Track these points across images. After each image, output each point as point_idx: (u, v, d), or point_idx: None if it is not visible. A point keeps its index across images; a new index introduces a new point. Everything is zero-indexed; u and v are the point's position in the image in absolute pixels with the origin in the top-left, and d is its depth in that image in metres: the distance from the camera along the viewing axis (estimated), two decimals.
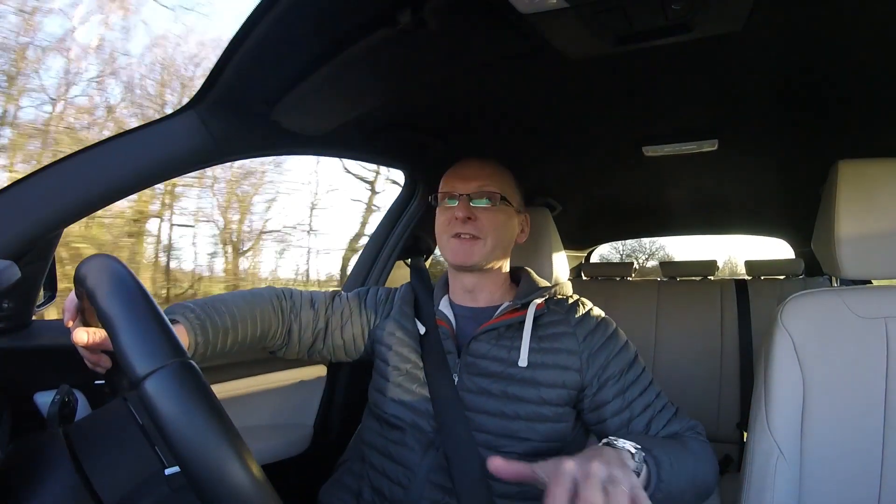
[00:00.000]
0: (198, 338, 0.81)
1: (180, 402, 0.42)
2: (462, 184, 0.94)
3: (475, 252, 0.92)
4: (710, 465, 0.83)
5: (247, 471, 0.41)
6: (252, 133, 0.92)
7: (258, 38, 0.68)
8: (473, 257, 0.92)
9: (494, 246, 0.93)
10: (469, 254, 0.92)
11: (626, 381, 0.88)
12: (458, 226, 0.92)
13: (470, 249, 0.92)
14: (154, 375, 0.42)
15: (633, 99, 1.05)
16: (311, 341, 1.00)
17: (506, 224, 0.95)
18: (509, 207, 0.96)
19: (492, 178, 0.94)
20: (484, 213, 0.92)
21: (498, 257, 0.96)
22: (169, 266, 7.72)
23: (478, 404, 0.88)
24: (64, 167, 0.76)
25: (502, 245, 0.96)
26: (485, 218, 0.92)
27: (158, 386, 0.42)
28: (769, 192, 1.81)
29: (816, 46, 0.81)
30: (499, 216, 0.93)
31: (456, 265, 0.95)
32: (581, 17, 0.68)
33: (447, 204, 0.95)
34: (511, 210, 0.96)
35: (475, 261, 0.92)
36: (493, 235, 0.93)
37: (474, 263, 0.93)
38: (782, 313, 0.89)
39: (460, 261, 0.93)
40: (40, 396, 0.79)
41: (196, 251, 9.17)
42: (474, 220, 0.92)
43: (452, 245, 0.93)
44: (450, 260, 0.95)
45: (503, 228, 0.95)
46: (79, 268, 0.53)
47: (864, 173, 0.89)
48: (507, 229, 0.96)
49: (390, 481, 0.89)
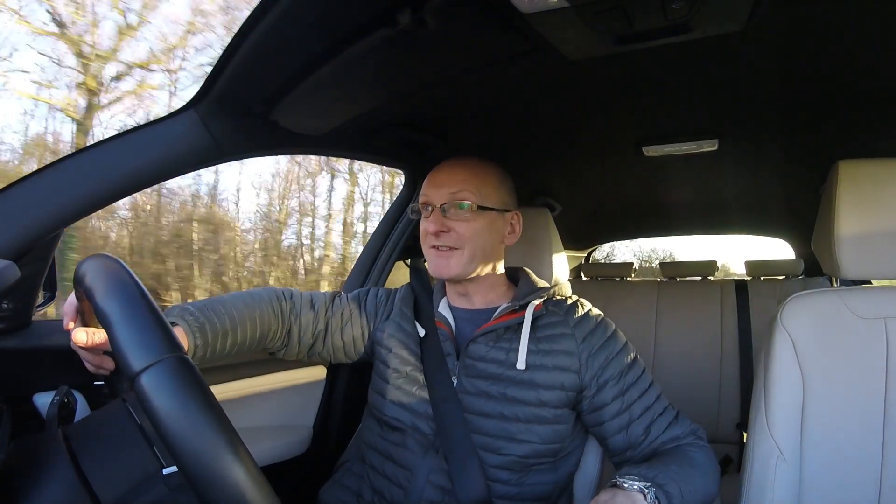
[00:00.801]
0: (197, 340, 0.80)
1: (176, 396, 0.42)
2: (435, 192, 0.91)
3: (452, 264, 0.90)
4: (713, 476, 0.83)
5: (242, 465, 0.41)
6: (252, 133, 0.92)
7: (258, 38, 0.68)
8: (451, 269, 0.90)
9: (473, 255, 0.90)
10: (447, 266, 0.90)
11: (626, 383, 0.88)
12: (433, 238, 0.90)
13: (447, 262, 0.90)
14: (150, 370, 0.42)
15: (633, 99, 1.05)
16: (310, 342, 1.00)
17: (486, 230, 0.91)
18: (489, 212, 0.91)
19: (465, 183, 0.90)
20: (458, 223, 0.89)
21: (482, 264, 0.93)
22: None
23: (477, 406, 0.88)
24: (64, 167, 0.76)
25: (484, 252, 0.92)
26: (460, 228, 0.89)
27: (154, 380, 0.42)
28: (769, 192, 1.81)
29: (817, 46, 0.81)
30: (475, 224, 0.89)
31: (436, 277, 0.94)
32: (581, 17, 0.68)
33: (424, 215, 0.93)
34: (491, 214, 0.92)
35: (454, 272, 0.90)
36: (471, 244, 0.89)
37: (453, 275, 0.91)
38: (782, 314, 0.89)
39: (439, 273, 0.91)
40: (40, 397, 0.79)
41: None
42: (448, 231, 0.89)
43: (431, 257, 0.92)
44: (431, 272, 0.93)
45: (483, 235, 0.90)
46: (77, 268, 0.53)
47: (864, 173, 0.89)
48: (488, 235, 0.91)
49: (390, 482, 0.89)
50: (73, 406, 0.71)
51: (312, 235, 8.06)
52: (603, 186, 1.82)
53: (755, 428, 0.87)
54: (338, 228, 8.21)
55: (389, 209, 1.46)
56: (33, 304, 0.84)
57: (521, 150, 1.36)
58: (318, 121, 0.98)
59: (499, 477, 0.85)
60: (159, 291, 5.98)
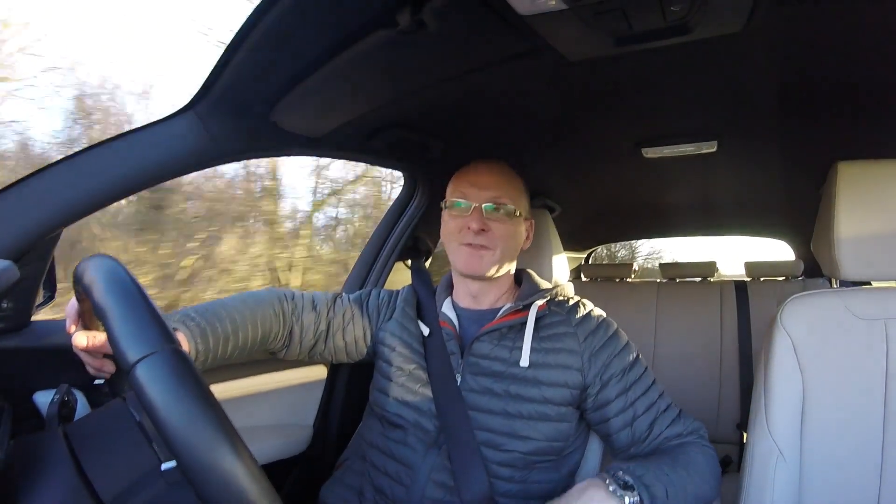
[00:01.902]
0: (199, 345, 0.80)
1: (170, 387, 0.42)
2: (476, 192, 0.94)
3: (485, 262, 0.93)
4: (710, 479, 0.82)
5: (237, 456, 0.41)
6: (251, 134, 0.92)
7: (258, 38, 0.68)
8: (483, 268, 0.93)
9: (503, 256, 0.94)
10: (479, 264, 0.93)
11: (629, 381, 0.88)
12: (471, 236, 0.92)
13: (480, 260, 0.93)
14: (144, 361, 0.43)
15: (633, 100, 1.05)
16: (312, 343, 1.00)
17: (515, 234, 0.96)
18: (519, 218, 0.96)
19: (506, 188, 0.94)
20: (497, 224, 0.93)
21: (505, 266, 0.97)
22: None
23: (481, 403, 0.88)
24: (64, 167, 0.77)
25: (510, 254, 0.97)
26: (497, 230, 0.93)
27: (149, 371, 0.42)
28: (769, 194, 1.81)
29: (816, 47, 0.81)
30: (511, 228, 0.94)
31: (466, 274, 0.96)
32: (580, 19, 0.68)
33: (459, 210, 0.95)
34: (521, 220, 0.97)
35: (485, 271, 0.93)
36: (503, 246, 0.93)
37: (483, 273, 0.93)
38: (782, 314, 0.89)
39: (471, 270, 0.94)
40: (40, 396, 0.79)
41: None
42: (487, 231, 0.92)
43: (463, 253, 0.94)
44: (460, 268, 0.95)
45: (513, 239, 0.96)
46: (76, 268, 0.53)
47: (864, 174, 0.89)
48: (516, 239, 0.97)
49: (392, 480, 0.89)
50: (73, 405, 0.72)
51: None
52: (602, 188, 1.82)
53: (755, 428, 0.87)
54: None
55: (389, 209, 1.46)
56: (33, 303, 0.84)
57: (521, 151, 1.36)
58: (318, 121, 0.98)
59: (501, 474, 0.85)
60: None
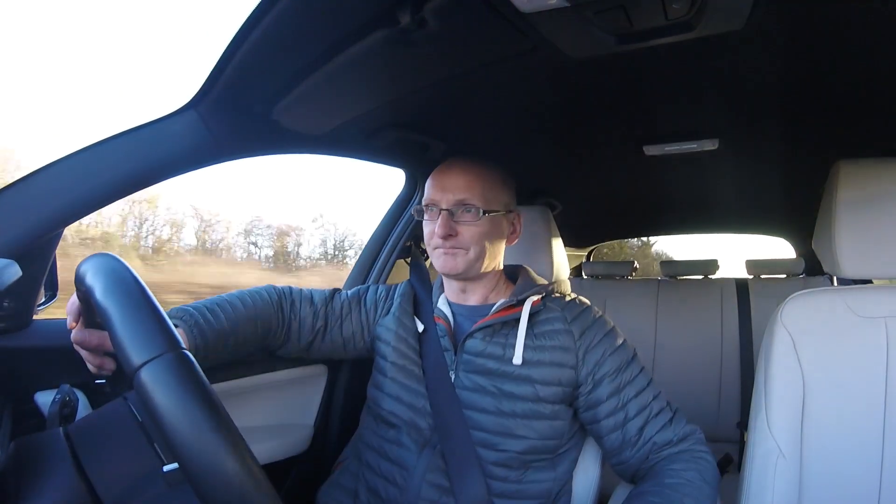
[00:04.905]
0: (198, 342, 0.81)
1: (175, 391, 0.41)
2: (441, 195, 0.92)
3: (459, 262, 0.92)
4: (706, 488, 0.81)
5: (241, 461, 0.41)
6: (252, 132, 0.92)
7: (258, 37, 0.68)
8: (458, 267, 0.92)
9: (478, 255, 0.92)
10: (454, 264, 0.92)
11: (622, 381, 0.88)
12: (440, 241, 0.91)
13: (454, 259, 0.92)
14: (149, 365, 0.42)
15: (634, 98, 1.05)
16: (310, 339, 1.00)
17: (490, 232, 0.93)
18: (493, 214, 0.93)
19: (471, 188, 0.91)
20: (465, 227, 0.91)
21: (485, 263, 0.94)
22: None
23: (474, 402, 0.88)
24: (64, 166, 0.76)
25: (488, 252, 0.94)
26: (466, 231, 0.91)
27: (154, 375, 0.42)
28: (770, 192, 1.81)
29: (817, 46, 0.81)
30: (481, 228, 0.91)
31: (443, 274, 0.96)
32: (581, 17, 0.68)
33: (429, 214, 0.94)
34: (496, 217, 0.94)
35: (460, 270, 0.92)
36: (477, 246, 0.92)
37: (460, 273, 0.93)
38: (782, 313, 0.89)
39: (447, 270, 0.93)
40: (41, 396, 0.79)
41: None
42: (455, 234, 0.91)
43: (437, 256, 0.93)
44: (437, 269, 0.95)
45: (487, 237, 0.93)
46: (78, 267, 0.53)
47: (864, 173, 0.89)
48: (492, 237, 0.94)
49: (386, 481, 0.89)
50: (74, 405, 0.71)
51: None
52: (604, 186, 1.82)
53: (755, 426, 0.87)
54: None
55: (390, 208, 1.46)
56: (34, 303, 0.84)
57: (522, 150, 1.36)
58: (319, 120, 0.98)
59: (497, 474, 0.85)
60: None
